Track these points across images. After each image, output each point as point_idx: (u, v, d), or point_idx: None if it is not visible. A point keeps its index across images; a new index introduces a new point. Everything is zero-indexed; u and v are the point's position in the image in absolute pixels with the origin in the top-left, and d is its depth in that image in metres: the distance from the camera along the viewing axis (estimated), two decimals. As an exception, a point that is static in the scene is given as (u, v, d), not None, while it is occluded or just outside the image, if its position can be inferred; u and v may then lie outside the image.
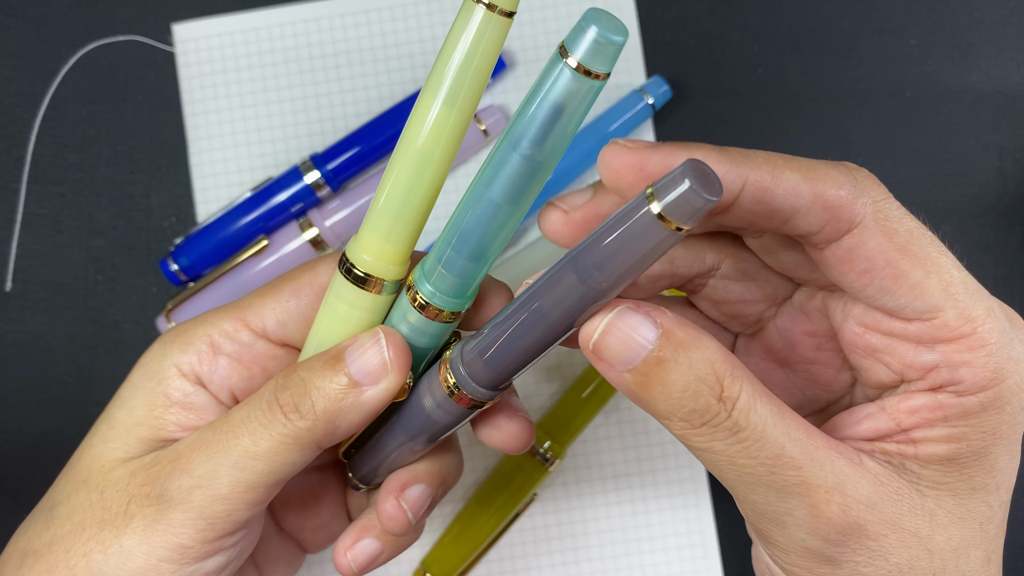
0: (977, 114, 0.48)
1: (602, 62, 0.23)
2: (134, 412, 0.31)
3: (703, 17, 0.48)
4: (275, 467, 0.28)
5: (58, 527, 0.30)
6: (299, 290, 0.31)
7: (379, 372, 0.28)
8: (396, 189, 0.27)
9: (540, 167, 0.25)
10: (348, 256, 0.29)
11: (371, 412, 0.29)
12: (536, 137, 0.24)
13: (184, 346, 0.31)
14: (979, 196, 0.48)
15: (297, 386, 0.28)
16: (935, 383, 0.26)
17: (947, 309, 0.25)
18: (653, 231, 0.22)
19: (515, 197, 0.25)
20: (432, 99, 0.26)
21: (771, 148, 0.50)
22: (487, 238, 0.26)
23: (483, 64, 0.25)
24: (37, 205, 0.48)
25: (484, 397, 0.28)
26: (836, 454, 0.25)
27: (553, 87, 0.23)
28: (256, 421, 0.28)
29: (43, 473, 0.47)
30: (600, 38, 0.23)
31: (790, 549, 0.26)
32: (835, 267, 0.26)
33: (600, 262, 0.23)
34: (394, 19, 0.48)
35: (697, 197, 0.21)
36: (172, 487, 0.29)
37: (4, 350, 0.47)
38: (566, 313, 0.25)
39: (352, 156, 0.46)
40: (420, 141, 0.26)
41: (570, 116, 0.24)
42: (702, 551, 0.47)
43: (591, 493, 0.47)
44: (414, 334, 0.29)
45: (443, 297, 0.28)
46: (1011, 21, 0.48)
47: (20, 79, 0.48)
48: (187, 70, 0.48)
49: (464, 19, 0.25)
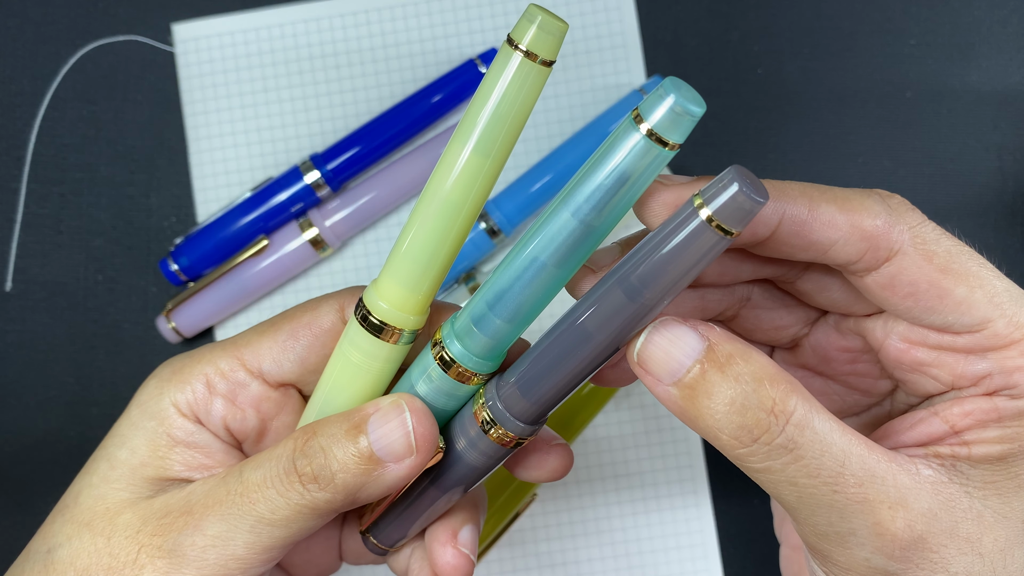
0: (977, 114, 0.48)
1: (677, 132, 0.22)
2: (137, 452, 0.30)
3: (703, 17, 0.48)
4: (292, 533, 0.28)
5: (60, 572, 0.29)
6: (297, 331, 0.30)
7: (403, 452, 0.27)
8: (421, 238, 0.26)
9: (595, 232, 0.24)
10: (365, 302, 0.27)
11: (394, 488, 0.28)
12: (599, 205, 0.23)
13: (181, 384, 0.30)
14: (979, 196, 0.48)
15: (317, 456, 0.28)
16: (989, 389, 0.26)
17: (995, 319, 0.25)
18: (704, 238, 0.22)
19: (564, 261, 0.25)
20: (462, 146, 0.25)
21: (771, 148, 0.50)
22: (528, 301, 0.25)
23: (519, 114, 0.24)
24: (37, 205, 0.48)
25: (525, 433, 0.27)
26: (896, 467, 0.25)
27: (624, 155, 0.23)
28: (274, 488, 0.28)
29: (43, 473, 0.47)
30: (678, 107, 0.22)
31: (852, 567, 0.26)
32: (878, 293, 0.26)
33: (649, 276, 0.23)
34: (394, 19, 0.48)
35: (747, 199, 0.21)
36: (185, 543, 0.28)
37: (4, 350, 0.47)
38: (613, 333, 0.24)
39: (352, 156, 0.46)
40: (449, 190, 0.25)
41: (635, 185, 0.23)
42: (702, 551, 0.47)
43: (591, 493, 0.47)
44: (436, 394, 0.28)
45: (472, 358, 0.27)
46: (1011, 21, 0.48)
47: (20, 79, 0.48)
48: (187, 70, 0.48)
49: (500, 65, 0.24)
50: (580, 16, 0.48)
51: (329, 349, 0.30)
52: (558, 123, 0.48)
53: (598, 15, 0.48)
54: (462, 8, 0.48)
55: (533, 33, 0.24)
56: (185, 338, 0.47)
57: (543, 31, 0.24)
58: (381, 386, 0.29)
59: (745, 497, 0.47)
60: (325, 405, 0.29)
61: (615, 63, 0.48)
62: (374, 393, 0.29)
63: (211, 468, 0.30)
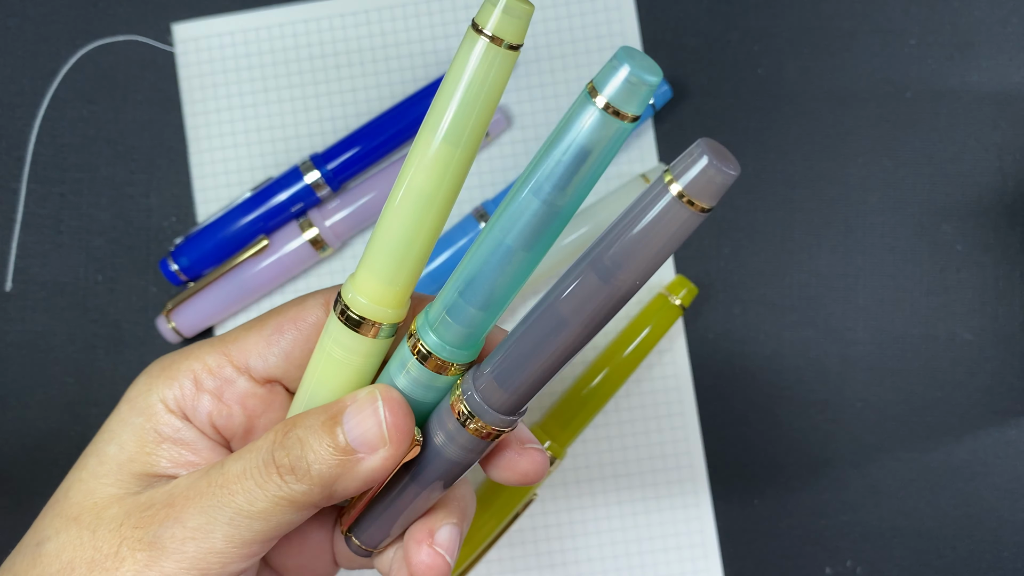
0: (977, 114, 0.48)
1: (634, 103, 0.22)
2: (125, 448, 0.30)
3: (703, 17, 0.48)
4: (271, 527, 0.28)
5: (46, 565, 0.29)
6: (282, 326, 0.30)
7: (376, 442, 0.27)
8: (395, 230, 0.26)
9: (561, 213, 0.24)
10: (343, 297, 0.27)
11: (370, 480, 0.28)
12: (560, 182, 0.23)
13: (169, 381, 0.31)
14: (979, 196, 0.48)
15: (294, 447, 0.28)
16: None
17: None
18: (675, 214, 0.21)
19: (532, 243, 0.24)
20: (432, 136, 0.24)
21: (771, 148, 0.50)
22: (499, 286, 0.25)
23: (487, 101, 0.24)
24: (37, 205, 0.48)
25: (503, 424, 0.27)
26: None
27: (580, 129, 0.22)
28: (252, 480, 0.28)
29: (43, 473, 0.47)
30: (633, 77, 0.21)
31: None
32: None
33: (621, 256, 0.22)
34: (394, 19, 0.48)
35: (718, 172, 0.21)
36: (165, 535, 0.28)
37: (4, 350, 0.47)
38: (589, 317, 0.24)
39: (352, 156, 0.46)
40: (421, 181, 0.25)
41: (596, 160, 0.23)
42: (702, 551, 0.47)
43: (591, 493, 0.47)
44: (414, 386, 0.28)
45: (449, 348, 0.26)
46: (1011, 21, 0.48)
47: (20, 79, 0.48)
48: (187, 70, 0.48)
49: (466, 52, 0.23)
50: (580, 16, 0.48)
51: (314, 344, 0.30)
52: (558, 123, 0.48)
53: (598, 15, 0.48)
54: (462, 8, 0.48)
55: (498, 16, 0.23)
56: (185, 338, 0.47)
57: (508, 15, 0.23)
58: (364, 380, 0.29)
59: (745, 497, 0.47)
60: (309, 400, 0.29)
61: (615, 63, 0.48)
62: (357, 387, 0.29)
63: (197, 465, 0.30)
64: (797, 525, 0.48)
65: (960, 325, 0.47)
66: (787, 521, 0.48)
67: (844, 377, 0.48)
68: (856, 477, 0.47)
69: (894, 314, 0.48)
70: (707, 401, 0.48)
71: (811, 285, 0.48)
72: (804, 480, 0.48)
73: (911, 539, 0.47)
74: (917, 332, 0.48)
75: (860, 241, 0.48)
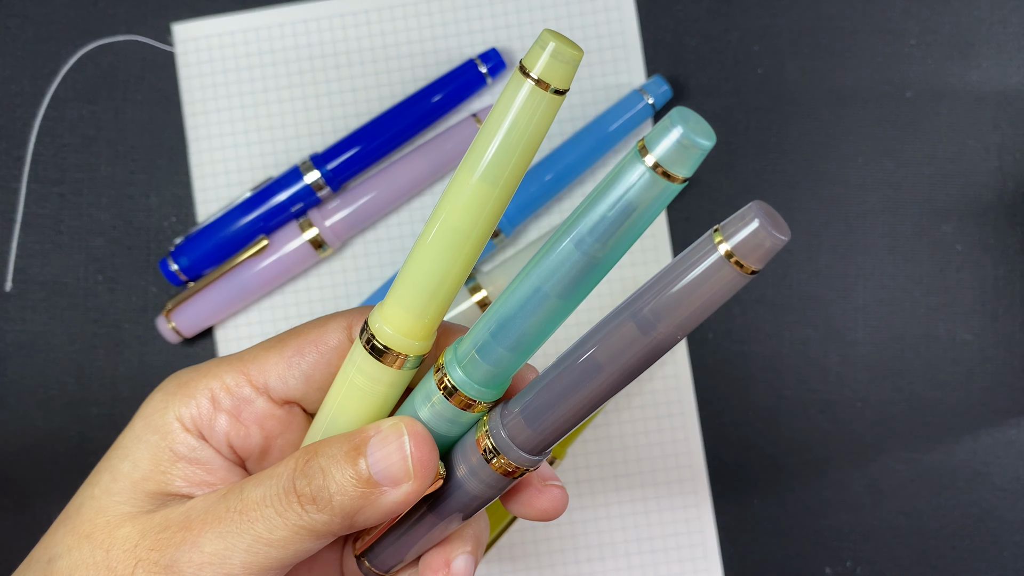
0: (977, 114, 0.48)
1: (685, 166, 0.21)
2: (139, 466, 0.30)
3: (703, 17, 0.48)
4: (289, 555, 0.28)
5: None
6: (303, 348, 0.30)
7: (400, 476, 0.27)
8: (426, 265, 0.25)
9: (600, 265, 0.23)
10: (370, 326, 0.27)
11: (391, 513, 0.28)
12: (603, 237, 0.23)
13: (186, 399, 0.30)
14: (979, 196, 0.48)
15: (316, 476, 0.27)
16: None
17: None
18: (721, 274, 0.21)
19: (569, 292, 0.24)
20: (470, 174, 0.24)
21: (771, 148, 0.50)
22: (532, 330, 0.25)
23: (529, 144, 0.24)
24: (37, 205, 0.48)
25: (528, 463, 0.27)
26: None
27: (628, 187, 0.22)
28: (272, 508, 0.27)
29: (43, 473, 0.47)
30: (685, 140, 0.21)
31: None
32: None
33: (663, 310, 0.22)
34: (394, 19, 0.48)
35: (768, 236, 0.20)
36: (182, 559, 0.28)
37: (4, 350, 0.47)
38: (624, 366, 0.24)
39: (352, 156, 0.46)
40: (456, 218, 0.25)
41: (641, 218, 0.22)
42: (702, 551, 0.47)
43: (591, 493, 0.47)
44: (438, 420, 0.28)
45: (476, 387, 0.26)
46: (1011, 21, 0.48)
47: (20, 79, 0.48)
48: (187, 70, 0.48)
49: (511, 93, 0.23)
50: (580, 16, 0.48)
51: (335, 367, 0.30)
52: (558, 123, 0.48)
53: (598, 15, 0.48)
54: (462, 8, 0.48)
55: (545, 61, 0.23)
56: (185, 338, 0.47)
57: (556, 59, 0.23)
58: (385, 409, 0.29)
59: (745, 497, 0.47)
60: (329, 426, 0.29)
61: (615, 63, 0.48)
62: (378, 416, 0.29)
63: (212, 485, 0.30)
64: (797, 525, 0.48)
65: (960, 325, 0.47)
66: (787, 521, 0.48)
67: (844, 377, 0.48)
68: (856, 477, 0.47)
69: (894, 314, 0.48)
70: (707, 401, 0.48)
71: (811, 285, 0.48)
72: (804, 480, 0.48)
73: (911, 539, 0.47)
74: (917, 332, 0.48)
75: (860, 241, 0.48)
